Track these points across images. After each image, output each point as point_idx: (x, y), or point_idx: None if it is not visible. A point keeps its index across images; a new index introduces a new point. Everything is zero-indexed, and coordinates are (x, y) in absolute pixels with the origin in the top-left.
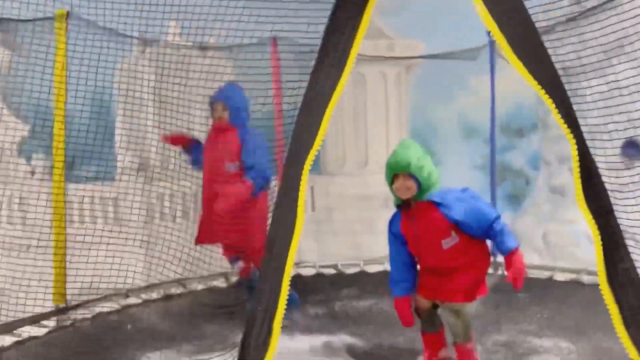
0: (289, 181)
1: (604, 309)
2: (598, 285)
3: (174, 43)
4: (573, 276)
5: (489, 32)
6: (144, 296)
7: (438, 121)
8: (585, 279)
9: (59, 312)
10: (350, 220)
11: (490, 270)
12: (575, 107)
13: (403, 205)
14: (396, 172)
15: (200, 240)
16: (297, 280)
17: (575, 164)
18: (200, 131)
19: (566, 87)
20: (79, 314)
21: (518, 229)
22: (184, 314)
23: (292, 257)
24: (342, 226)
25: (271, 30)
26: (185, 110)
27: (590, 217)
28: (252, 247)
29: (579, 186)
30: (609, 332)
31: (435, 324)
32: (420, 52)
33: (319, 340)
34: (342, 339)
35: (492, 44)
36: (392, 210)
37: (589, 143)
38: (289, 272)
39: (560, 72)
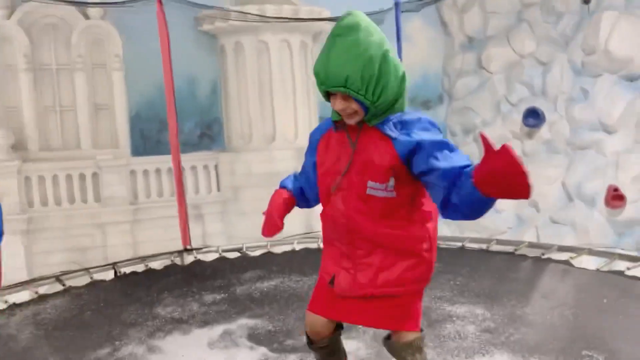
0: None
1: (515, 276)
2: (508, 253)
3: (50, 1)
4: (483, 246)
5: None
6: (14, 298)
7: None
8: (495, 247)
9: None
10: (257, 199)
11: None
12: None
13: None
14: (327, 89)
15: None
16: (196, 266)
17: None
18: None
19: None
20: None
21: None
22: (57, 322)
23: None
24: (249, 206)
25: None
26: (67, 80)
27: None
28: None
29: None
30: (521, 299)
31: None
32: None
33: (217, 331)
34: (243, 323)
35: (397, 6)
36: None
37: None
38: None
39: None
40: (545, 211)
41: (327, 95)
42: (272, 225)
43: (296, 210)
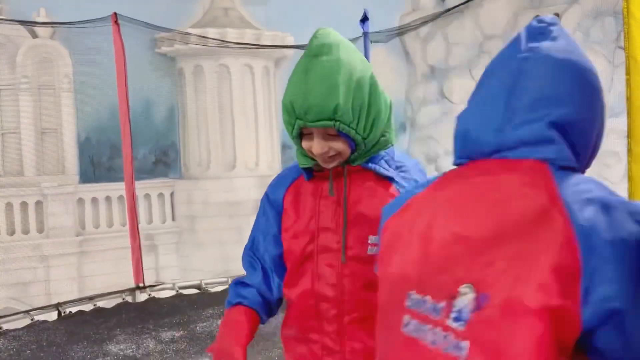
0: None
1: None
2: None
3: None
4: None
5: (362, 24)
6: None
7: None
8: None
9: None
10: (216, 229)
11: None
12: None
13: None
14: (306, 124)
15: None
16: (150, 304)
17: None
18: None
19: None
20: None
21: None
22: None
23: None
24: (206, 237)
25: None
26: (10, 101)
27: None
28: None
29: None
30: None
31: None
32: (289, 44)
33: None
34: None
35: (366, 35)
36: None
37: None
38: None
39: None
40: None
41: (298, 135)
42: None
43: None
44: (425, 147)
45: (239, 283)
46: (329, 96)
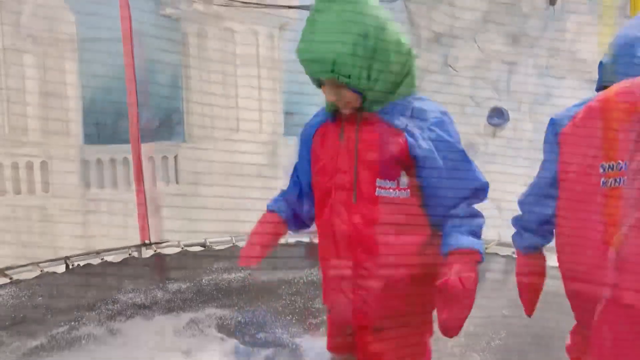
0: None
1: (490, 276)
2: None
3: None
4: None
5: None
6: None
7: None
8: None
9: None
10: (219, 193)
11: None
12: None
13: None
14: (313, 76)
15: None
16: (157, 259)
17: None
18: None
19: None
20: None
21: None
22: (4, 307)
23: None
24: (210, 200)
25: None
26: (14, 61)
27: None
28: None
29: None
30: (499, 300)
31: None
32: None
33: (183, 318)
34: (211, 313)
35: None
36: (267, 182)
37: None
38: None
39: None
40: (508, 211)
41: (318, 83)
42: (250, 253)
43: (262, 206)
44: None
45: (281, 194)
46: (327, 50)
